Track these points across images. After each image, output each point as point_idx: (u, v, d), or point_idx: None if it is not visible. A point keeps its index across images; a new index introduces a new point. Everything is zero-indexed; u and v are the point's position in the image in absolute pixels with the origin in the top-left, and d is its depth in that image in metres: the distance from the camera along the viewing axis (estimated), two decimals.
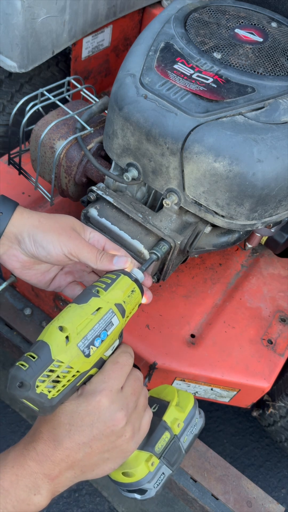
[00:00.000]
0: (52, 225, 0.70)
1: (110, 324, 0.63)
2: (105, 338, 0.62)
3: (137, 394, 0.65)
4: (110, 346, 0.65)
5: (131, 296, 0.68)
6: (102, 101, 1.02)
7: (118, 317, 0.65)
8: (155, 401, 0.77)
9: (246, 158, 0.76)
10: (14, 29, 1.14)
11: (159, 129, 0.79)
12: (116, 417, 0.61)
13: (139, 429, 0.66)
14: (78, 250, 0.69)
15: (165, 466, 0.71)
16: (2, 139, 1.42)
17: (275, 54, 0.89)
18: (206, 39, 0.90)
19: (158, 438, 0.70)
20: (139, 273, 0.72)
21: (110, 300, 0.65)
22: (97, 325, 0.62)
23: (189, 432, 0.75)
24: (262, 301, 1.13)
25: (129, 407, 0.63)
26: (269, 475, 1.56)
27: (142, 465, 0.68)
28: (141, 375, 0.68)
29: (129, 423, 0.63)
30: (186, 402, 0.77)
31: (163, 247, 0.83)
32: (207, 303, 1.10)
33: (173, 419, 0.74)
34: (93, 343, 0.61)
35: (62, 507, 1.38)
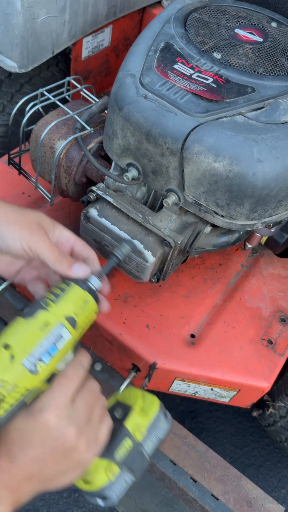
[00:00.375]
0: (17, 218, 0.68)
1: (60, 338, 0.61)
2: (54, 353, 0.60)
3: (89, 407, 0.64)
4: (61, 360, 0.63)
5: (84, 307, 0.65)
6: (102, 101, 1.02)
7: (69, 330, 0.62)
8: (119, 405, 0.74)
9: (246, 158, 0.76)
10: (14, 29, 1.14)
11: (159, 129, 0.79)
12: (66, 433, 0.60)
13: (95, 440, 0.65)
14: (39, 247, 0.67)
15: (127, 473, 0.69)
16: (2, 139, 1.42)
17: (275, 54, 0.89)
18: (206, 39, 0.90)
19: (118, 445, 0.69)
20: (95, 280, 0.68)
21: (59, 313, 0.62)
22: (44, 341, 0.59)
23: (153, 437, 0.73)
24: (262, 301, 1.13)
25: (80, 420, 0.62)
26: (269, 475, 1.56)
27: (101, 473, 0.66)
28: (97, 385, 0.66)
29: (82, 436, 0.62)
30: (151, 406, 0.74)
31: (124, 249, 0.77)
32: (207, 303, 1.10)
33: (135, 425, 0.71)
34: (40, 359, 0.59)
35: (62, 507, 1.38)
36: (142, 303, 1.06)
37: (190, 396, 1.10)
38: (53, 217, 1.16)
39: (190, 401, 1.65)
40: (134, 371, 1.03)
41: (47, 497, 1.40)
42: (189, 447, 1.03)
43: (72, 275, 0.67)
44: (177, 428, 1.05)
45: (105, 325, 1.00)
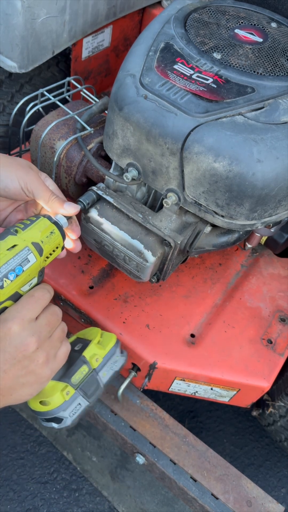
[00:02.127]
0: (12, 162, 0.73)
1: (26, 261, 0.67)
2: (20, 273, 0.66)
3: (51, 325, 0.69)
4: (27, 282, 0.69)
5: (50, 237, 0.71)
6: (102, 102, 1.02)
7: (35, 255, 0.69)
8: (80, 341, 0.83)
9: (246, 158, 0.76)
10: (14, 30, 1.14)
11: (159, 129, 0.79)
12: (27, 342, 0.65)
13: (54, 357, 0.70)
14: (34, 186, 0.72)
15: (82, 397, 0.76)
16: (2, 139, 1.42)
17: (275, 54, 0.89)
18: (206, 40, 0.90)
19: (75, 371, 0.76)
20: (62, 218, 0.75)
21: (26, 238, 0.68)
22: (11, 260, 0.66)
23: (108, 368, 0.81)
24: (262, 301, 1.13)
25: (42, 335, 0.67)
26: (269, 474, 1.56)
27: (57, 394, 0.73)
28: (59, 311, 0.72)
29: (42, 349, 0.67)
30: (108, 341, 0.83)
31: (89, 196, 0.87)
32: (207, 303, 1.10)
33: (92, 354, 0.79)
34: (6, 276, 0.65)
35: (62, 507, 1.39)
36: (142, 303, 1.06)
37: (190, 395, 1.10)
38: None
39: (190, 401, 1.65)
40: (134, 370, 1.03)
41: (47, 497, 1.40)
42: (189, 447, 1.03)
43: (64, 211, 0.74)
44: (177, 428, 1.05)
45: (105, 325, 1.01)
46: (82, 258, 1.10)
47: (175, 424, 1.05)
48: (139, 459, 1.03)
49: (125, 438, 1.02)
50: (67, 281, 1.05)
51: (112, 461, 1.48)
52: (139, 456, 1.02)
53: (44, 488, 1.41)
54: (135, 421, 1.03)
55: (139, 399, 1.06)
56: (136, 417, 1.04)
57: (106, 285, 1.07)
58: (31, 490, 1.41)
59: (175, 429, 1.04)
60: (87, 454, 1.48)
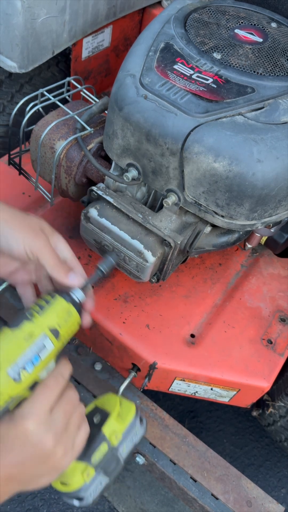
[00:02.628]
0: (22, 223, 0.70)
1: (43, 349, 0.64)
2: (37, 363, 0.63)
3: (68, 415, 0.66)
4: (44, 369, 0.65)
5: (67, 319, 0.67)
6: (102, 102, 1.02)
7: (52, 341, 0.65)
8: (98, 411, 0.77)
9: (246, 158, 0.76)
10: (14, 29, 1.14)
11: (159, 130, 0.79)
12: (44, 440, 0.63)
13: (72, 447, 0.68)
14: (40, 251, 0.69)
15: (102, 475, 0.72)
16: (2, 139, 1.42)
17: (275, 55, 0.89)
18: (206, 40, 0.90)
19: (95, 449, 0.72)
20: (79, 293, 0.71)
21: (43, 324, 0.65)
22: (28, 351, 0.62)
23: (128, 441, 0.76)
24: (262, 301, 1.13)
25: (58, 428, 0.65)
26: (269, 474, 1.56)
27: (77, 476, 0.70)
28: (76, 394, 0.69)
29: (59, 443, 0.65)
30: (127, 412, 0.78)
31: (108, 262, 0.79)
32: (207, 303, 1.10)
33: (112, 430, 0.74)
34: (24, 368, 0.62)
35: (62, 507, 1.39)
36: (142, 303, 1.06)
37: (190, 396, 1.10)
38: (53, 217, 1.17)
39: (190, 401, 1.65)
40: (134, 371, 1.03)
41: (47, 497, 1.40)
42: (189, 447, 1.03)
43: (68, 283, 0.70)
44: (177, 428, 1.05)
45: (105, 325, 1.01)
46: (82, 258, 1.10)
47: (175, 424, 1.05)
48: (139, 459, 1.03)
49: None
50: None
51: None
52: (139, 456, 1.02)
53: (44, 488, 1.41)
54: None
55: (139, 399, 1.06)
56: None
57: (106, 285, 1.07)
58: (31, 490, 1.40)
59: (175, 429, 1.04)
60: None
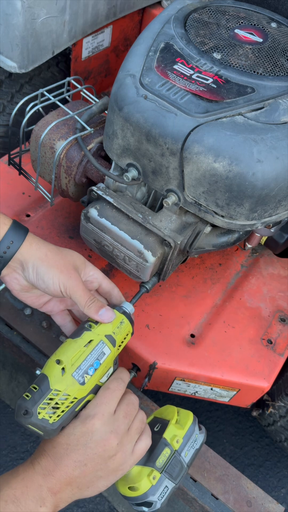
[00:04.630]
0: (57, 261, 0.74)
1: (102, 354, 0.71)
2: (98, 366, 0.71)
3: (129, 417, 0.72)
4: (104, 373, 0.73)
5: (120, 327, 0.76)
6: (102, 102, 1.02)
7: (109, 346, 0.73)
8: (157, 421, 0.83)
9: (246, 158, 0.76)
10: (14, 30, 1.14)
11: (159, 130, 0.79)
12: (107, 437, 0.68)
13: (131, 452, 0.72)
14: (73, 291, 0.74)
15: (168, 480, 0.77)
16: (2, 139, 1.42)
17: (274, 55, 0.89)
18: (206, 40, 0.90)
19: (159, 454, 0.77)
20: (129, 306, 0.80)
21: (100, 332, 0.73)
22: (89, 356, 0.70)
23: (190, 447, 0.81)
24: (262, 301, 1.13)
25: (120, 429, 0.70)
26: (269, 474, 1.56)
27: (144, 479, 0.75)
28: (136, 399, 0.74)
29: (121, 444, 0.69)
30: (186, 419, 0.84)
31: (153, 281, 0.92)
32: (207, 303, 1.10)
33: (173, 435, 0.80)
34: (87, 372, 0.69)
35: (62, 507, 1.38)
36: (142, 303, 1.06)
37: (190, 396, 1.10)
38: (53, 217, 1.17)
39: (190, 401, 1.65)
40: (134, 370, 1.03)
41: None
42: None
43: (98, 319, 0.74)
44: None
45: None
46: None
47: None
48: None
49: None
50: None
51: None
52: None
53: None
54: None
55: (139, 399, 1.06)
56: None
57: None
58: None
59: None
60: None
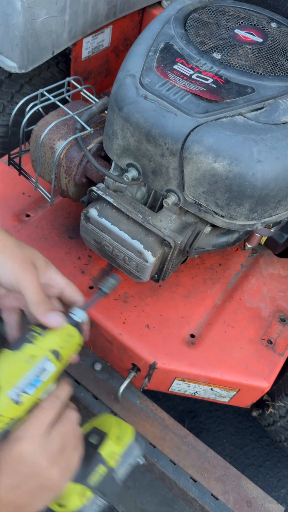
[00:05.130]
0: (15, 253, 0.70)
1: (44, 371, 0.64)
2: (38, 384, 0.63)
3: (64, 437, 0.66)
4: (44, 390, 0.65)
5: (69, 340, 0.67)
6: (102, 102, 1.02)
7: (54, 363, 0.65)
8: (96, 432, 0.77)
9: (245, 159, 0.76)
10: (14, 30, 1.14)
11: (159, 130, 0.79)
12: (39, 463, 0.62)
13: (68, 469, 0.67)
14: (24, 286, 0.68)
15: (100, 498, 0.72)
16: (2, 139, 1.42)
17: (274, 55, 0.89)
18: (206, 40, 0.90)
19: (92, 471, 0.71)
20: (81, 313, 0.70)
21: (44, 346, 0.64)
22: (29, 373, 0.62)
23: (126, 463, 0.76)
24: (261, 301, 1.13)
25: (53, 450, 0.64)
26: (269, 475, 1.56)
27: (75, 497, 0.69)
28: (74, 415, 0.68)
29: (55, 465, 0.64)
30: (125, 434, 0.77)
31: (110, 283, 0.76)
32: (207, 303, 1.10)
33: (110, 452, 0.74)
34: (24, 391, 0.61)
35: None
36: (142, 303, 1.06)
37: (190, 396, 1.10)
38: (53, 217, 1.17)
39: (190, 401, 1.65)
40: (134, 371, 1.03)
41: None
42: (189, 447, 1.03)
43: (44, 322, 0.67)
44: (177, 428, 1.05)
45: (105, 325, 1.01)
46: (82, 258, 1.10)
47: (175, 425, 1.05)
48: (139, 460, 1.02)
49: None
50: None
51: None
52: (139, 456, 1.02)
53: None
54: (135, 421, 1.03)
55: (139, 400, 1.06)
56: (136, 417, 1.04)
57: None
58: None
59: (175, 430, 1.04)
60: None
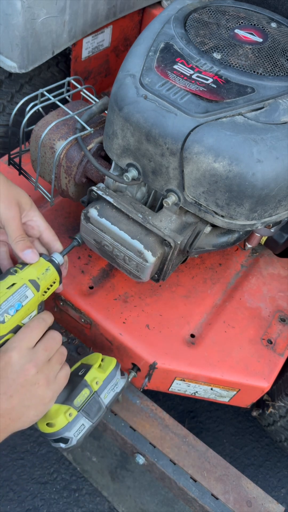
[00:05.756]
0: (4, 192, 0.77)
1: (25, 297, 0.75)
2: (19, 308, 0.75)
3: (49, 350, 0.75)
4: (27, 315, 0.77)
5: (46, 273, 0.80)
6: (102, 102, 1.02)
7: (33, 290, 0.77)
8: (83, 367, 0.89)
9: (245, 158, 0.76)
10: (14, 30, 1.14)
11: (159, 130, 0.79)
12: (26, 367, 0.71)
13: (54, 379, 0.76)
14: (7, 223, 0.77)
15: (85, 418, 0.82)
16: (2, 139, 1.42)
17: (274, 55, 0.89)
18: (206, 40, 0.90)
19: (77, 394, 0.82)
20: (58, 256, 0.84)
21: (24, 276, 0.77)
22: (11, 297, 0.74)
23: (110, 389, 0.87)
24: (261, 301, 1.13)
25: (39, 360, 0.73)
26: (269, 474, 1.56)
27: (61, 416, 0.80)
28: (58, 335, 0.78)
29: (41, 372, 0.73)
30: (108, 364, 0.89)
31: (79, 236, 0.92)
32: (207, 303, 1.10)
33: (93, 378, 0.85)
34: (7, 312, 0.73)
35: (62, 507, 1.38)
36: (142, 303, 1.06)
37: (190, 396, 1.10)
38: (53, 217, 1.17)
39: (190, 401, 1.65)
40: (134, 371, 1.03)
41: (47, 497, 1.40)
42: (189, 447, 1.03)
43: (21, 256, 0.78)
44: (177, 428, 1.05)
45: (105, 325, 1.01)
46: (82, 258, 1.10)
47: (175, 424, 1.05)
48: (139, 459, 1.03)
49: (125, 438, 1.02)
50: (67, 281, 1.05)
51: (112, 462, 1.48)
52: (139, 456, 1.02)
53: (44, 489, 1.41)
54: (135, 421, 1.03)
55: (139, 399, 1.06)
56: (136, 417, 1.04)
57: (106, 285, 1.07)
58: (31, 490, 1.40)
59: (175, 429, 1.04)
60: (87, 454, 1.48)
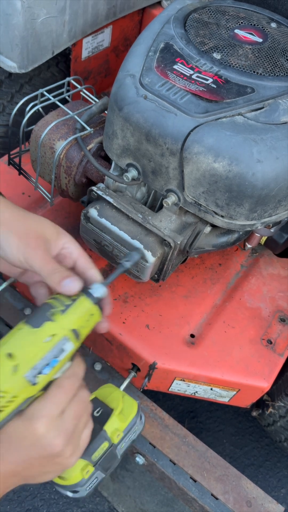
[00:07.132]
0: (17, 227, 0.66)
1: (62, 351, 0.61)
2: (55, 364, 0.60)
3: (78, 417, 0.65)
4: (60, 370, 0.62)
5: (90, 319, 0.64)
6: (102, 102, 1.02)
7: (73, 342, 0.62)
8: (99, 405, 0.77)
9: (245, 159, 0.76)
10: (14, 30, 1.14)
11: (159, 130, 0.79)
12: (53, 443, 0.61)
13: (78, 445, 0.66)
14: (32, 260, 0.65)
15: (99, 472, 0.73)
16: (2, 139, 1.42)
17: (274, 55, 0.89)
18: (205, 40, 0.90)
19: (96, 448, 0.72)
20: (102, 289, 0.65)
21: (65, 326, 0.61)
22: (49, 353, 0.59)
23: (127, 439, 0.77)
24: (261, 301, 1.13)
25: (68, 431, 0.63)
26: (269, 475, 1.56)
27: (77, 472, 0.70)
28: (86, 393, 0.67)
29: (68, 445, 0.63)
30: (130, 410, 0.78)
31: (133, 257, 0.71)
32: (207, 303, 1.10)
33: (114, 429, 0.75)
34: (41, 372, 0.59)
35: (62, 507, 1.38)
36: (142, 303, 1.06)
37: (190, 396, 1.10)
38: (53, 217, 1.17)
39: (190, 401, 1.65)
40: (134, 371, 1.03)
41: (47, 497, 1.40)
42: (189, 447, 1.03)
43: (61, 290, 0.64)
44: (177, 428, 1.05)
45: None
46: None
47: (175, 425, 1.05)
48: (138, 460, 1.03)
49: None
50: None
51: None
52: (138, 456, 1.02)
53: (44, 489, 1.41)
54: None
55: (139, 399, 1.06)
56: None
57: None
58: (31, 490, 1.40)
59: (175, 430, 1.04)
60: None
